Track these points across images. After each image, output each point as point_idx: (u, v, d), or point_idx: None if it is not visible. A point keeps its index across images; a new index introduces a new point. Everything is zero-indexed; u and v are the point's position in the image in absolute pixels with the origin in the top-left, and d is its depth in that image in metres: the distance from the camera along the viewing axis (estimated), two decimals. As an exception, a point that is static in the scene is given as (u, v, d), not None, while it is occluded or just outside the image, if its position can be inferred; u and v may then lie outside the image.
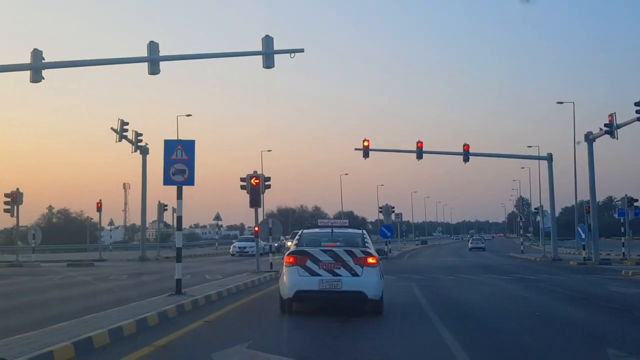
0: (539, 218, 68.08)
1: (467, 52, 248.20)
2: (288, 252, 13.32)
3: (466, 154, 41.59)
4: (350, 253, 12.40)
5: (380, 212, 49.47)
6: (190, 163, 14.93)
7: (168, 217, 69.30)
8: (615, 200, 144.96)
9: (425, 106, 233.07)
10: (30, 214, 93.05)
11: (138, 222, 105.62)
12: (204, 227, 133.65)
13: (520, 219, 61.25)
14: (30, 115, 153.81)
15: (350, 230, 14.64)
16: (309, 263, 12.32)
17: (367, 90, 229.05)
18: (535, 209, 51.46)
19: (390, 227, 43.91)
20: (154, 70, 24.48)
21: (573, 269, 32.16)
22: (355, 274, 12.23)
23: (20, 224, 40.89)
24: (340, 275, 12.19)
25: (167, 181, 14.93)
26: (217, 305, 14.51)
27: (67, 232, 77.14)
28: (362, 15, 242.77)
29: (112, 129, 38.84)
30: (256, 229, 25.31)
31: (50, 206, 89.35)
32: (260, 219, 27.21)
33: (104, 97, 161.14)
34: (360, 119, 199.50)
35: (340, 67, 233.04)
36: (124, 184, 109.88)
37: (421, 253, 64.09)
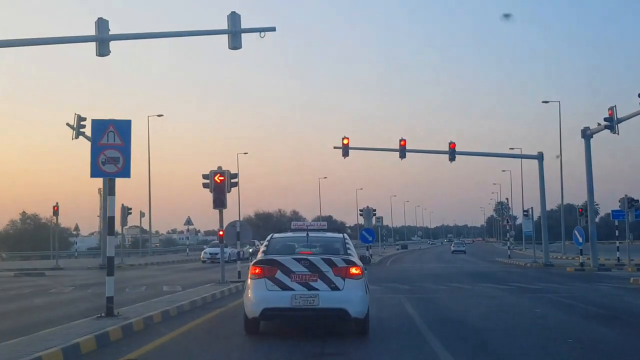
0: (519, 221, 65.68)
1: (449, 53, 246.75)
2: (254, 261, 10.91)
3: (452, 153, 38.90)
4: (329, 262, 10.20)
5: (361, 215, 46.44)
6: (125, 149, 11.79)
7: (144, 222, 66.34)
8: (595, 204, 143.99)
9: (407, 110, 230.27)
10: (1, 221, 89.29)
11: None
12: (182, 232, 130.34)
13: (507, 222, 58.57)
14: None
15: (329, 234, 12.43)
16: (279, 274, 10.11)
17: (347, 92, 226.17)
18: (524, 211, 48.73)
19: (371, 231, 40.94)
20: (102, 51, 21.34)
21: (573, 276, 29.34)
22: (335, 288, 10.06)
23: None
24: (317, 289, 10.01)
25: (96, 172, 11.81)
26: (158, 330, 11.35)
27: (37, 238, 73.55)
28: (343, 13, 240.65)
29: (67, 124, 35.47)
30: (221, 233, 22.06)
31: (24, 212, 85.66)
32: (244, 222, 23.90)
33: (70, 98, 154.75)
34: (339, 122, 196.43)
35: (319, 69, 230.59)
36: (99, 189, 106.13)
37: (403, 258, 61.34)
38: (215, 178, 21.33)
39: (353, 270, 10.27)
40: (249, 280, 10.53)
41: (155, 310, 12.85)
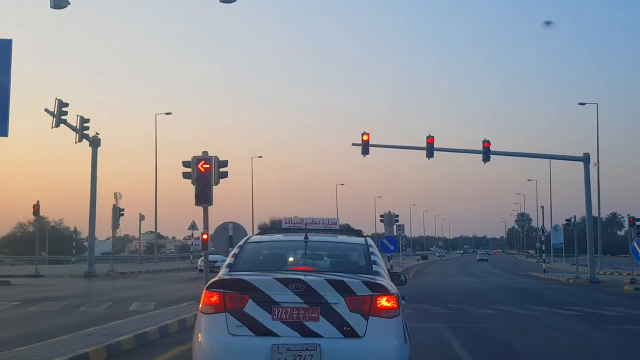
0: (545, 232, 60.44)
1: (456, 57, 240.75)
2: (210, 281, 6.05)
3: (486, 152, 34.12)
4: (340, 287, 5.72)
5: (381, 221, 41.64)
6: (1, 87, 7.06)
7: (150, 226, 62.30)
8: (620, 216, 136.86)
9: (431, 115, 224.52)
10: (13, 222, 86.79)
11: (131, 233, 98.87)
12: (197, 238, 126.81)
13: (543, 232, 53.30)
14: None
15: (343, 238, 7.80)
16: (250, 307, 5.67)
17: (366, 96, 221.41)
18: (567, 220, 43.47)
19: (393, 239, 36.02)
20: (58, 2, 16.90)
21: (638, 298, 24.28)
22: (350, 333, 5.60)
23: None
24: (318, 336, 5.58)
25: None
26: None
27: (49, 241, 70.39)
28: (353, 16, 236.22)
29: (46, 110, 30.92)
30: (204, 236, 17.17)
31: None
32: (238, 225, 18.73)
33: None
34: (358, 128, 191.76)
35: (337, 72, 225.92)
36: (115, 193, 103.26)
37: (426, 270, 56.50)
38: (199, 166, 16.54)
39: (383, 302, 5.71)
40: (200, 316, 5.89)
41: (63, 355, 8.06)
